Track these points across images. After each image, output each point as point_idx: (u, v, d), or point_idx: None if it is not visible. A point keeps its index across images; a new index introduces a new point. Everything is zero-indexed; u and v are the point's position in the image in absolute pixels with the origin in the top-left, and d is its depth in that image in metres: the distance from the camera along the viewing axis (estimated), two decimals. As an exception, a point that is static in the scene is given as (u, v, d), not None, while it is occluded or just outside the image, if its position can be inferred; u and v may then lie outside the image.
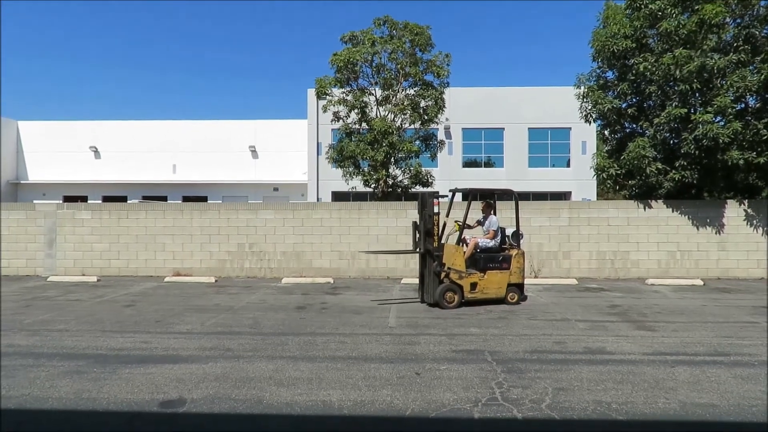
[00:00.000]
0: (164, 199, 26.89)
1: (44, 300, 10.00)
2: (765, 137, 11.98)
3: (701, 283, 12.28)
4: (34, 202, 17.34)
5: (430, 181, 16.55)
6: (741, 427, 4.09)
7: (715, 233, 13.22)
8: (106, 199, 27.79)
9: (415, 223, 9.45)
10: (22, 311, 8.78)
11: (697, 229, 13.25)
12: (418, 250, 9.32)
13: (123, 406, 4.46)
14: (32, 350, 6.23)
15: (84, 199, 27.08)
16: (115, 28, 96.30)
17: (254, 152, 28.99)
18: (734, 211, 13.22)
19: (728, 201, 13.35)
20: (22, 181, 29.11)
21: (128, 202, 21.29)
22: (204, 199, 27.29)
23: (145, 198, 26.13)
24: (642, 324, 7.83)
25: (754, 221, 13.15)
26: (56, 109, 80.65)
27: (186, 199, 27.11)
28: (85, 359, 5.84)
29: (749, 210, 13.18)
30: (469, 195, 9.55)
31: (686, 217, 13.27)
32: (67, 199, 26.81)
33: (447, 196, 9.55)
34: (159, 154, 28.89)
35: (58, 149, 29.26)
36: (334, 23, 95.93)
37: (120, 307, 9.21)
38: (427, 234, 9.05)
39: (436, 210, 8.99)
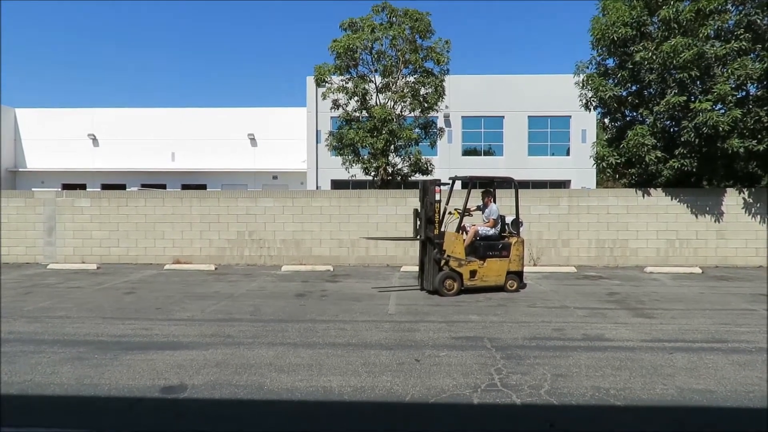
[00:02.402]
0: (163, 187, 26.85)
1: (44, 287, 10.02)
2: (766, 125, 11.95)
3: (700, 271, 12.32)
4: (33, 190, 17.31)
5: (429, 169, 16.53)
6: (738, 413, 4.13)
7: (714, 221, 13.24)
8: (105, 187, 27.73)
9: (416, 210, 9.46)
10: (23, 298, 8.80)
11: (696, 217, 13.27)
12: (418, 237, 9.34)
13: (124, 391, 4.49)
14: (33, 337, 6.26)
15: (83, 187, 26.99)
16: (109, 15, 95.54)
17: (253, 140, 28.89)
18: (733, 200, 13.23)
19: (727, 189, 13.35)
20: (20, 169, 29.03)
21: (127, 190, 21.26)
22: (203, 187, 27.24)
23: (144, 186, 26.07)
24: (640, 311, 7.86)
25: (753, 209, 13.16)
26: (53, 96, 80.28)
27: (185, 187, 27.06)
28: (86, 346, 5.87)
29: (748, 198, 13.19)
30: (469, 183, 9.55)
31: (685, 205, 13.28)
32: (66, 186, 26.75)
33: (447, 183, 9.55)
34: (158, 142, 28.78)
35: (57, 137, 29.12)
36: (333, 10, 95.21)
37: (120, 295, 9.23)
38: (428, 221, 9.06)
39: (437, 197, 9.00)
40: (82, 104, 52.58)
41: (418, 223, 9.29)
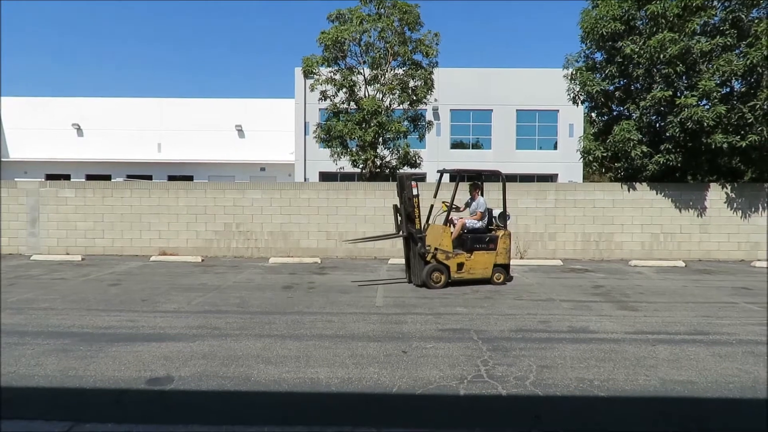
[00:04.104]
0: (149, 178, 26.55)
1: (28, 279, 9.90)
2: (749, 121, 12.12)
3: (683, 264, 12.50)
4: (16, 180, 17.04)
5: (418, 162, 16.53)
6: (719, 403, 4.21)
7: (698, 216, 13.42)
8: (90, 177, 27.32)
9: (395, 206, 9.44)
10: (6, 290, 8.68)
11: (681, 211, 13.44)
12: (401, 233, 9.33)
13: (110, 383, 4.46)
14: (17, 328, 6.18)
15: (67, 177, 26.59)
16: (95, 4, 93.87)
17: (241, 131, 28.67)
18: (717, 194, 13.42)
19: (711, 184, 13.53)
20: (3, 159, 28.51)
21: (112, 180, 21.01)
22: (190, 178, 26.98)
23: (130, 177, 25.77)
24: (625, 304, 7.97)
25: (736, 204, 13.36)
26: (36, 85, 78.87)
27: (171, 178, 26.80)
28: (71, 337, 5.82)
29: (731, 193, 13.38)
30: (457, 176, 9.57)
31: (670, 199, 13.45)
32: (50, 177, 26.34)
33: (425, 178, 9.52)
34: (144, 133, 28.44)
35: (40, 126, 28.64)
36: (322, 1, 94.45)
37: (105, 286, 9.15)
38: (408, 217, 9.04)
39: (415, 192, 8.97)
40: (67, 93, 51.79)
41: (399, 218, 9.28)
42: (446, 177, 10.15)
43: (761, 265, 12.36)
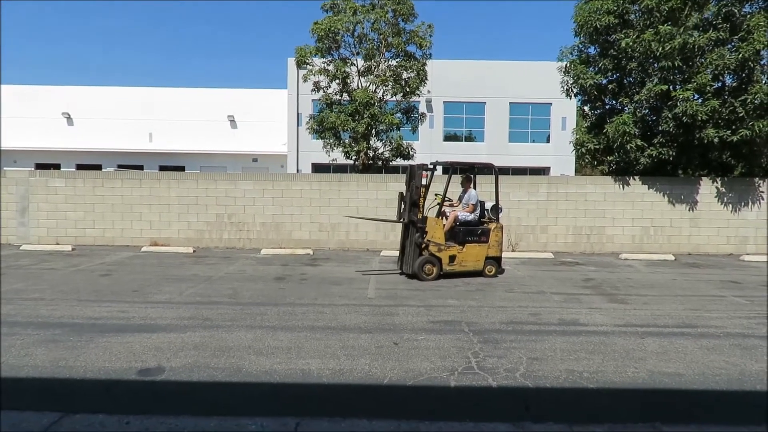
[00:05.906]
0: (140, 168, 26.37)
1: (17, 269, 9.83)
2: (741, 115, 12.18)
3: (673, 258, 12.60)
4: (5, 169, 16.86)
5: (411, 154, 16.50)
6: (705, 395, 4.26)
7: (688, 210, 13.52)
8: (80, 167, 27.08)
9: (401, 193, 9.49)
10: (-5, 280, 8.62)
11: (672, 205, 13.53)
12: (402, 220, 9.39)
13: (100, 374, 4.45)
14: (6, 319, 6.14)
15: (57, 166, 26.37)
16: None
17: (233, 122, 28.50)
18: (707, 189, 13.51)
19: (702, 178, 13.62)
20: (-8, 148, 28.23)
21: (103, 170, 20.84)
22: (181, 168, 26.81)
23: (121, 167, 25.58)
24: (614, 297, 8.03)
25: (726, 199, 13.46)
26: (25, 73, 77.85)
27: (163, 168, 26.61)
28: (61, 328, 5.79)
29: (721, 188, 13.48)
30: (450, 168, 9.58)
31: (661, 193, 13.53)
32: (39, 166, 26.10)
33: (431, 168, 9.60)
34: (135, 122, 28.20)
35: (29, 115, 28.32)
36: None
37: (96, 277, 9.10)
38: (412, 205, 9.12)
39: (424, 182, 9.09)
40: (56, 82, 51.19)
41: (403, 206, 9.34)
42: (439, 169, 10.17)
43: (750, 259, 12.48)
